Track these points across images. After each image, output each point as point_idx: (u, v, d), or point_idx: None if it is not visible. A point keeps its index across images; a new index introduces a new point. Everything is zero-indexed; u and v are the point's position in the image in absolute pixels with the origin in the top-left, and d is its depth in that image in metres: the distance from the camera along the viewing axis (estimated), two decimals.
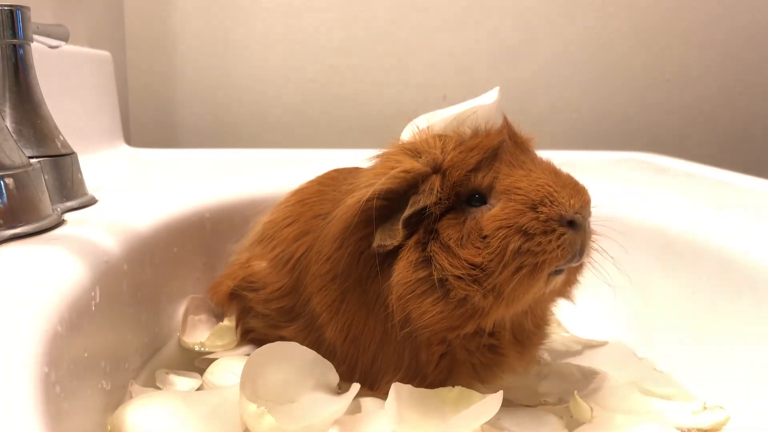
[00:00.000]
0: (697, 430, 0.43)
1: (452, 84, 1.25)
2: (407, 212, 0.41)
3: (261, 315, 0.52)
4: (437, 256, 0.40)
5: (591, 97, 1.29)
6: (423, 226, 0.41)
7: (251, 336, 0.55)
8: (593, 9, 1.25)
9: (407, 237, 0.41)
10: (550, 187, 0.40)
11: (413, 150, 0.43)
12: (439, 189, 0.41)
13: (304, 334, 0.49)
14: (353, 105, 1.28)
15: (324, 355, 0.48)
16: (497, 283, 0.39)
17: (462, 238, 0.40)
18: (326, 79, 1.28)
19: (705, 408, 0.45)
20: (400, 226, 0.41)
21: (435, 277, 0.40)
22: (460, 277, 0.39)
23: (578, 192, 0.41)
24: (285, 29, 1.25)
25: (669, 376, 0.52)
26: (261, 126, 1.29)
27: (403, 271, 0.41)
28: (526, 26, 1.26)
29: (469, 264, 0.39)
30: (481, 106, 0.44)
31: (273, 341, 0.52)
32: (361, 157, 0.47)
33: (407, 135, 0.46)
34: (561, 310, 0.54)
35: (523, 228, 0.39)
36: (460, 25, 1.26)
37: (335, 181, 0.53)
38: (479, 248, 0.40)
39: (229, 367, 0.49)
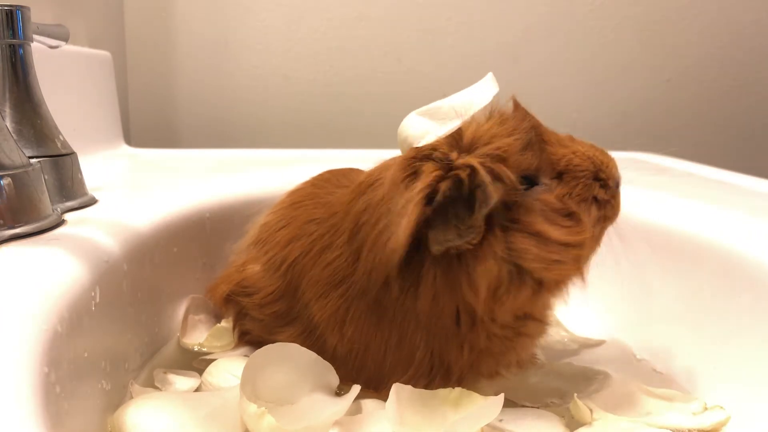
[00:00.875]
0: (698, 431, 0.43)
1: (452, 84, 1.25)
2: (485, 209, 0.38)
3: (256, 319, 0.52)
4: (522, 245, 0.39)
5: (591, 97, 1.29)
6: (494, 218, 0.39)
7: (248, 338, 0.55)
8: (593, 9, 1.25)
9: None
10: (595, 155, 0.43)
11: (459, 142, 0.40)
12: (507, 176, 0.39)
13: (302, 339, 0.48)
14: (353, 105, 1.28)
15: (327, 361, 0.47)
16: (587, 255, 0.42)
17: (544, 222, 0.40)
18: (326, 79, 1.28)
19: (706, 408, 0.45)
20: (481, 222, 0.38)
21: (525, 267, 0.39)
22: (558, 261, 0.40)
23: (607, 155, 0.45)
24: (285, 29, 1.25)
25: (668, 377, 0.52)
26: (261, 126, 1.29)
27: (491, 269, 0.39)
28: (526, 26, 1.26)
29: (563, 244, 0.40)
30: (491, 94, 0.43)
31: (275, 339, 0.52)
32: (361, 157, 0.47)
33: (410, 129, 0.44)
34: (560, 310, 0.54)
35: (596, 197, 0.42)
36: (460, 25, 1.26)
37: (329, 183, 0.53)
38: (570, 227, 0.41)
39: (228, 368, 0.49)
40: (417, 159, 0.40)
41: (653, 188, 0.69)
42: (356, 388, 0.42)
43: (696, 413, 0.44)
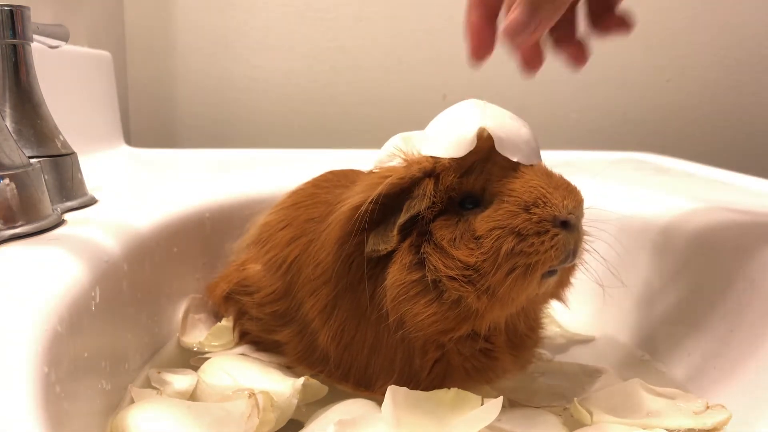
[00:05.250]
0: (700, 430, 0.43)
1: (452, 84, 1.25)
2: (402, 218, 0.41)
3: (255, 319, 0.52)
4: (431, 258, 0.40)
5: (591, 97, 1.29)
6: (416, 229, 0.41)
7: (248, 338, 0.55)
8: None
9: (401, 240, 0.41)
10: (542, 188, 0.40)
11: (405, 159, 0.43)
12: (433, 193, 0.41)
13: (298, 339, 0.49)
14: (353, 105, 1.28)
15: (317, 360, 0.48)
16: (491, 284, 0.39)
17: (455, 239, 0.40)
18: (326, 80, 1.27)
19: (707, 407, 0.44)
20: (395, 232, 0.41)
21: (428, 278, 0.40)
22: (453, 278, 0.40)
23: (571, 192, 0.41)
24: (285, 29, 1.25)
25: (670, 376, 0.52)
26: (261, 126, 1.29)
27: (396, 274, 0.41)
28: None
29: (463, 264, 0.39)
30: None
31: (269, 344, 0.52)
32: (361, 157, 0.47)
33: (387, 151, 0.46)
34: (560, 309, 0.54)
35: (517, 229, 0.39)
36: (460, 25, 1.26)
37: (330, 183, 0.53)
38: (472, 249, 0.40)
39: (223, 366, 0.48)
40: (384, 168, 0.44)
41: (653, 188, 0.69)
42: None
43: (698, 413, 0.44)
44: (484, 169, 0.41)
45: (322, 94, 1.28)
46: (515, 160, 0.41)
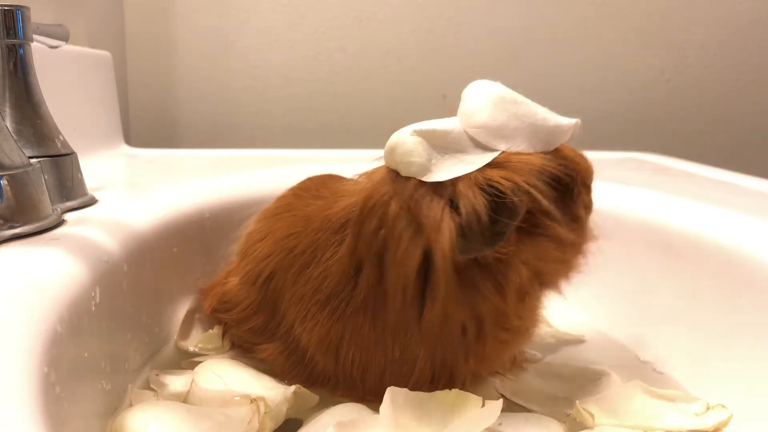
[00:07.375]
0: (700, 431, 0.43)
1: (452, 84, 1.25)
2: (516, 219, 0.38)
3: (236, 336, 0.52)
4: (544, 248, 0.41)
5: (591, 97, 1.29)
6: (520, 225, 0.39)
7: (236, 346, 0.54)
8: (593, 9, 1.25)
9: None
10: (582, 162, 0.45)
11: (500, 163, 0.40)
12: (537, 189, 0.39)
13: (284, 358, 0.47)
14: (353, 105, 1.28)
15: (317, 381, 0.46)
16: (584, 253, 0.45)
17: (558, 226, 0.41)
18: (326, 79, 1.27)
19: (708, 408, 0.44)
20: (512, 231, 0.38)
21: (544, 268, 0.42)
22: (566, 261, 0.43)
23: (585, 158, 0.46)
24: (285, 29, 1.25)
25: (669, 377, 0.52)
26: (261, 126, 1.29)
27: (522, 274, 0.40)
28: (526, 26, 1.26)
29: (573, 246, 0.43)
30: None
31: (256, 361, 0.51)
32: (361, 157, 0.47)
33: (413, 156, 0.39)
34: (559, 309, 0.54)
35: (586, 203, 0.45)
36: (460, 25, 1.26)
37: (307, 193, 0.52)
38: (576, 230, 0.43)
39: (215, 370, 0.48)
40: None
41: (653, 188, 0.69)
42: None
43: (699, 414, 0.44)
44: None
45: (322, 94, 1.28)
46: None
